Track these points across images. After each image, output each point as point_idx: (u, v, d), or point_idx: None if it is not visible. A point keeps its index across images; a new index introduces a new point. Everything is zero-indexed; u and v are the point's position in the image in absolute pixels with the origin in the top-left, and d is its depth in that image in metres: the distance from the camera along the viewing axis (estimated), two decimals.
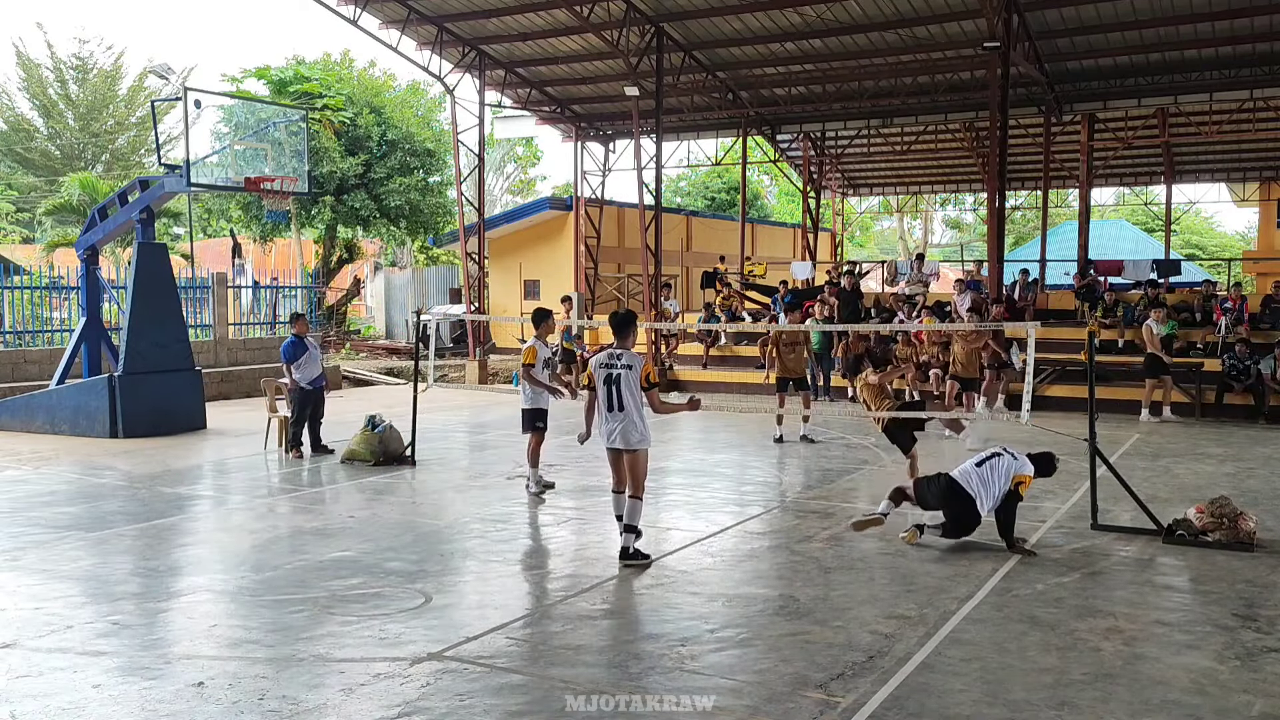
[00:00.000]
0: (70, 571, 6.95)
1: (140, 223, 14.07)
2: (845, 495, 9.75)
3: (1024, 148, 27.16)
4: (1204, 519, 7.70)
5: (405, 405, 12.72)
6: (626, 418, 7.13)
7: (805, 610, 6.09)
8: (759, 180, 47.89)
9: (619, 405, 7.14)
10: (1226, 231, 56.12)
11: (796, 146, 29.80)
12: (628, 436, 7.14)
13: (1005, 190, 18.37)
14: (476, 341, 23.82)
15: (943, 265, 38.48)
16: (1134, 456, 11.99)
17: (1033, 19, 19.11)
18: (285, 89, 28.32)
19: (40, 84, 42.73)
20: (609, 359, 7.29)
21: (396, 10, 21.19)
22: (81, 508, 9.08)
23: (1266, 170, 31.16)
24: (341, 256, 32.62)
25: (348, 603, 6.24)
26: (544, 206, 29.55)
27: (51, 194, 34.24)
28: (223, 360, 19.63)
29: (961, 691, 4.84)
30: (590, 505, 9.23)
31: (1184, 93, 21.76)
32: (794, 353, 13.33)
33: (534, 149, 50.33)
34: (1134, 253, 32.73)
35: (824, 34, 20.70)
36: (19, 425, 14.28)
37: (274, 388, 12.91)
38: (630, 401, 7.13)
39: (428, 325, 21.32)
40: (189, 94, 13.62)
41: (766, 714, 4.59)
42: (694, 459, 11.91)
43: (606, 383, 7.20)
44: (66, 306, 20.12)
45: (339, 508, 9.37)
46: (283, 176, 14.36)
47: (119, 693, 4.83)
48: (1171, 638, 5.64)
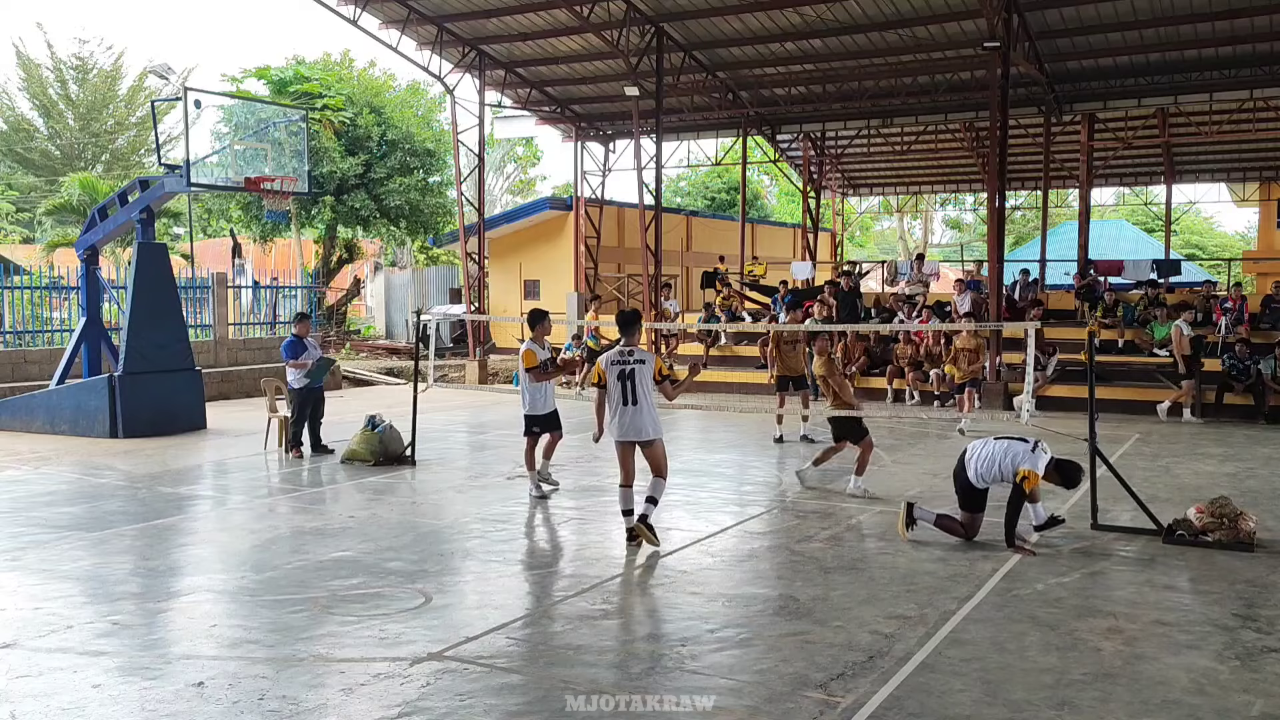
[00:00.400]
0: (70, 571, 6.95)
1: (140, 223, 14.07)
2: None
3: (1024, 148, 27.16)
4: (1204, 519, 7.69)
5: (405, 405, 12.73)
6: (641, 411, 7.50)
7: (805, 610, 6.09)
8: (759, 180, 47.89)
9: (634, 399, 7.49)
10: (1226, 231, 56.15)
11: (796, 146, 29.80)
12: (645, 428, 7.52)
13: (1005, 190, 18.38)
14: (476, 341, 23.83)
15: (943, 265, 38.48)
16: (1134, 456, 11.99)
17: (1033, 19, 19.11)
18: (285, 89, 28.32)
19: (40, 84, 42.74)
20: (621, 356, 7.60)
21: (396, 10, 21.19)
22: (81, 508, 9.08)
23: (1266, 170, 31.16)
24: (341, 256, 32.62)
25: (348, 603, 6.24)
26: (544, 206, 29.55)
27: (51, 194, 34.24)
28: (223, 360, 19.63)
29: (961, 691, 4.84)
30: (590, 505, 9.23)
31: (1184, 93, 21.77)
32: (794, 351, 13.33)
33: (534, 149, 50.36)
34: (1134, 253, 32.74)
35: (824, 34, 20.70)
36: (19, 425, 14.29)
37: (274, 388, 12.91)
38: (644, 395, 7.50)
39: (428, 325, 21.33)
40: (189, 94, 13.62)
41: (766, 714, 4.59)
42: (694, 459, 11.91)
43: (620, 378, 7.51)
44: (66, 306, 20.12)
45: (339, 508, 9.37)
46: (283, 176, 14.36)
47: (119, 693, 4.83)
48: (1171, 638, 5.64)
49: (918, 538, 7.84)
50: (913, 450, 12.63)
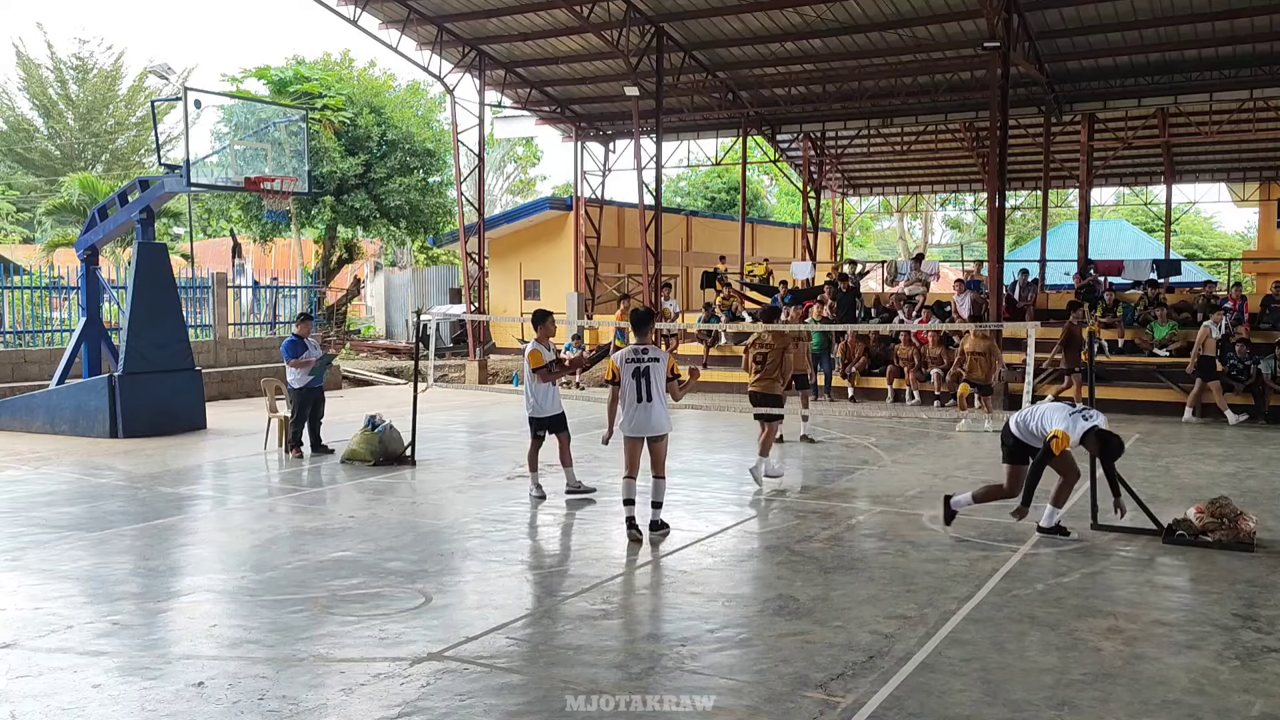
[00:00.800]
0: (70, 571, 6.95)
1: (140, 223, 14.07)
2: (845, 495, 9.75)
3: (1024, 148, 27.17)
4: (1204, 519, 7.69)
5: (405, 405, 12.73)
6: (655, 407, 7.79)
7: (805, 610, 6.09)
8: (759, 180, 47.89)
9: (648, 396, 7.78)
10: (1226, 231, 56.12)
11: (796, 146, 29.80)
12: (657, 424, 7.81)
13: (1005, 190, 18.38)
14: (476, 341, 23.82)
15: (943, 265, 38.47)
16: (1134, 456, 11.96)
17: (1033, 19, 19.12)
18: (285, 89, 28.32)
19: (40, 84, 42.73)
20: (635, 354, 7.85)
21: (396, 10, 21.19)
22: (81, 508, 9.09)
23: (1266, 170, 31.16)
24: (341, 256, 32.62)
25: (348, 603, 6.24)
26: (544, 206, 29.55)
27: (51, 194, 34.23)
28: (223, 360, 19.64)
29: (961, 691, 4.84)
30: (590, 505, 9.23)
31: (1184, 93, 21.77)
32: (795, 349, 13.31)
33: (534, 149, 50.37)
34: (1134, 253, 32.73)
35: (824, 34, 20.70)
36: (19, 425, 14.29)
37: (274, 387, 12.91)
38: (658, 392, 7.79)
39: (428, 325, 21.34)
40: (189, 94, 13.62)
41: (766, 714, 4.59)
42: (694, 459, 11.90)
43: (635, 376, 7.78)
44: (66, 306, 20.12)
45: (339, 508, 9.37)
46: (283, 176, 14.36)
47: (119, 693, 4.83)
48: (1171, 638, 5.64)
49: (918, 538, 7.84)
50: (913, 450, 12.63)
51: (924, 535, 7.97)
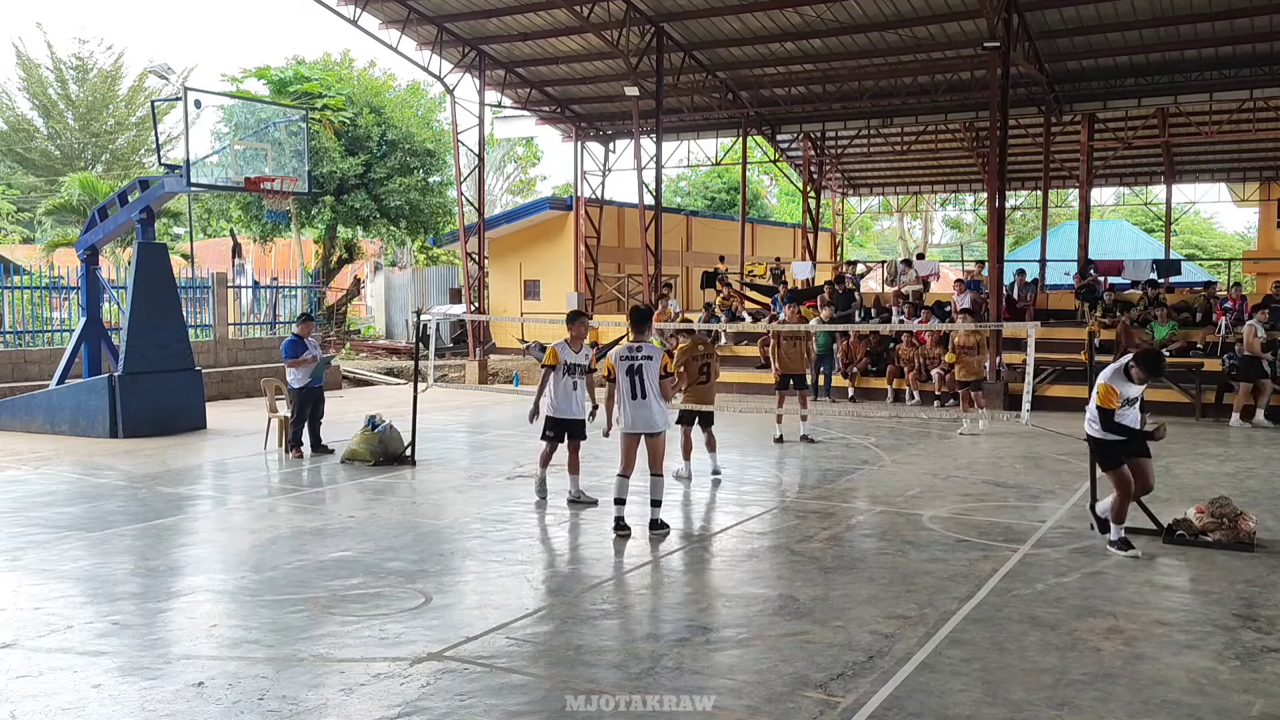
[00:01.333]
0: (70, 571, 6.95)
1: (140, 223, 14.07)
2: (845, 495, 9.75)
3: (1024, 148, 27.17)
4: (1204, 519, 7.69)
5: (405, 405, 12.72)
6: (649, 404, 7.86)
7: (805, 610, 6.09)
8: (759, 180, 47.89)
9: (642, 393, 7.85)
10: (1226, 231, 56.11)
11: (796, 146, 29.81)
12: (652, 420, 7.89)
13: (1005, 190, 18.38)
14: (476, 341, 23.83)
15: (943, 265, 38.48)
16: None
17: (1033, 19, 19.12)
18: (285, 89, 28.33)
19: (40, 84, 42.73)
20: (629, 351, 7.95)
21: (396, 10, 21.20)
22: (81, 508, 9.08)
23: (1266, 170, 31.17)
24: (341, 256, 32.63)
25: (348, 603, 6.24)
26: (544, 206, 29.56)
27: (51, 194, 34.23)
28: (223, 360, 19.63)
29: (961, 691, 4.84)
30: (590, 506, 9.21)
31: (1184, 93, 21.78)
32: (795, 347, 13.31)
33: (534, 149, 50.37)
34: (1134, 253, 32.74)
35: (824, 34, 20.71)
36: (19, 425, 14.29)
37: (274, 388, 12.91)
38: (651, 389, 7.86)
39: (428, 325, 21.33)
40: (189, 94, 13.61)
41: (766, 714, 4.59)
42: (694, 459, 11.89)
43: (629, 373, 7.86)
44: (66, 306, 20.12)
45: (339, 508, 9.37)
46: (283, 176, 14.35)
47: (119, 693, 4.83)
48: (1171, 638, 5.64)
49: (918, 538, 7.84)
50: (913, 450, 12.63)
51: (924, 535, 7.97)
